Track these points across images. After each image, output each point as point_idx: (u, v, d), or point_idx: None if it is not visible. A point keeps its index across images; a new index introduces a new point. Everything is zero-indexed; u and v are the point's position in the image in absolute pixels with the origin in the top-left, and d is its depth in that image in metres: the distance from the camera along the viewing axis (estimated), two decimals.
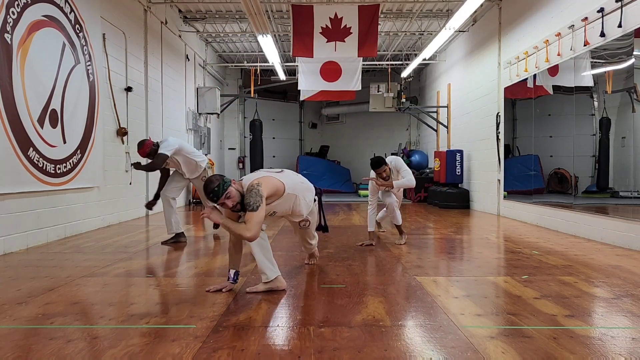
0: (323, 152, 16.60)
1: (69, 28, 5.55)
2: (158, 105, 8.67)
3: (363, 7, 8.10)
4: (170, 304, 2.84)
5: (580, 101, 5.91)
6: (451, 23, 7.86)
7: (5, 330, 2.38)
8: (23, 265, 4.00)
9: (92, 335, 2.30)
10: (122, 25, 7.11)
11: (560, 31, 6.10)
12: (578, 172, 5.95)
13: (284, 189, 3.13)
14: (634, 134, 4.87)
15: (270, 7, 9.43)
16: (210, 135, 12.35)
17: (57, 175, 5.29)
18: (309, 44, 8.28)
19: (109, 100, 6.66)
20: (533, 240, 5.42)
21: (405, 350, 2.12)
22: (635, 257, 4.32)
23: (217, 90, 11.34)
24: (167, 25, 9.06)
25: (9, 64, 4.47)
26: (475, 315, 2.62)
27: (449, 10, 9.24)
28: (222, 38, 11.61)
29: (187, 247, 5.00)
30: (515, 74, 7.54)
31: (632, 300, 2.91)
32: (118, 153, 7.00)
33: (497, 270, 3.85)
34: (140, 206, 7.82)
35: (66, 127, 5.46)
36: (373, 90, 11.92)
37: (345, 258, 4.26)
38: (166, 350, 2.10)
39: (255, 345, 2.17)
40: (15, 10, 4.58)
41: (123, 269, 3.81)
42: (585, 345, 2.17)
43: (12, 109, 4.50)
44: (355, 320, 2.51)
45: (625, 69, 5.00)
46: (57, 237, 5.32)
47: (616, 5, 4.93)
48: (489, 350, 2.12)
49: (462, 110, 10.56)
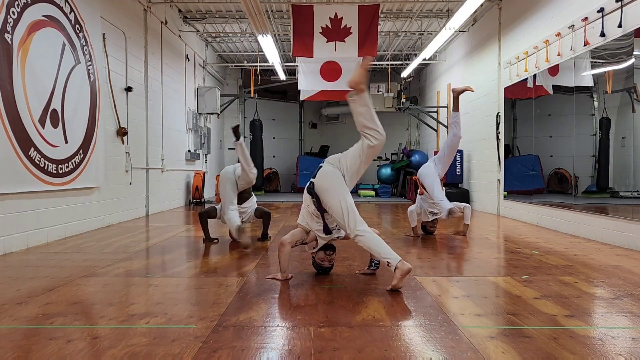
0: (323, 152, 16.59)
1: (69, 28, 5.55)
2: (158, 105, 8.67)
3: (363, 7, 8.10)
4: (170, 304, 2.84)
5: (581, 101, 5.91)
6: (451, 23, 7.86)
7: (5, 330, 2.38)
8: (23, 265, 4.00)
9: (92, 335, 2.30)
10: (122, 25, 7.11)
11: (560, 31, 6.10)
12: (578, 172, 5.95)
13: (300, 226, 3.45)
14: (634, 134, 4.87)
15: (270, 7, 9.43)
16: (210, 135, 12.35)
17: (59, 175, 5.29)
18: (309, 44, 8.28)
19: (109, 100, 6.66)
20: (533, 240, 5.42)
21: (405, 350, 2.12)
22: (635, 257, 4.32)
23: (217, 90, 11.34)
24: (167, 25, 9.06)
25: (9, 64, 4.47)
26: (475, 315, 2.62)
27: (449, 10, 9.24)
28: (222, 38, 11.61)
29: (187, 247, 5.00)
30: (515, 74, 7.54)
31: (632, 300, 2.91)
32: (118, 153, 7.00)
33: (497, 270, 3.85)
34: (140, 206, 7.83)
35: (67, 127, 5.46)
36: (373, 90, 11.93)
37: (345, 258, 4.26)
38: (166, 350, 2.10)
39: (255, 345, 2.17)
40: (16, 10, 4.58)
41: (123, 269, 3.81)
42: (585, 345, 2.17)
43: (12, 109, 4.50)
44: (355, 320, 2.51)
45: (625, 69, 5.00)
46: (57, 237, 5.32)
47: (616, 5, 4.93)
48: (489, 350, 2.12)
49: (462, 110, 10.45)
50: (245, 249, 4.71)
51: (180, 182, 10.13)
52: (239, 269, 3.82)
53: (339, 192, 3.22)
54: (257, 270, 3.79)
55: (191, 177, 10.69)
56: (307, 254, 4.45)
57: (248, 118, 14.65)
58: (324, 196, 3.26)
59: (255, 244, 5.09)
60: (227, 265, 4.01)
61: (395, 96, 11.90)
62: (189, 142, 10.68)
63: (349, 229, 3.17)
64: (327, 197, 3.24)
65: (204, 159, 11.94)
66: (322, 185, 3.27)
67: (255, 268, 3.86)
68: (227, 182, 5.00)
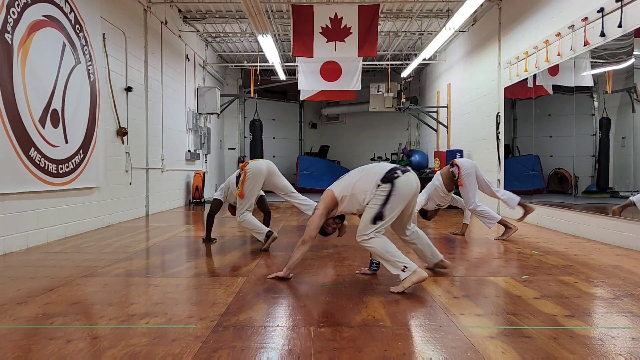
0: (323, 152, 16.61)
1: (69, 28, 5.55)
2: (158, 105, 8.67)
3: (363, 7, 8.10)
4: (170, 304, 2.84)
5: (580, 101, 5.91)
6: (451, 23, 7.86)
7: (5, 330, 2.38)
8: (23, 265, 4.00)
9: (92, 335, 2.30)
10: (122, 25, 7.11)
11: (560, 31, 6.09)
12: (578, 172, 5.95)
13: (333, 195, 3.31)
14: (634, 134, 4.87)
15: (270, 7, 9.43)
16: (210, 135, 12.35)
17: (60, 175, 5.29)
18: (309, 44, 8.28)
19: (109, 100, 6.66)
20: (533, 240, 5.42)
21: (405, 350, 2.12)
22: (635, 257, 4.32)
23: (217, 90, 11.34)
24: (167, 25, 9.06)
25: (9, 64, 4.47)
26: (475, 315, 2.62)
27: (449, 10, 9.24)
28: (222, 38, 11.61)
29: (187, 247, 5.00)
30: (515, 74, 7.54)
31: (632, 300, 2.91)
32: (118, 153, 7.00)
33: (497, 270, 3.85)
34: (140, 206, 7.83)
35: (68, 127, 5.46)
36: (373, 90, 11.92)
37: (345, 258, 4.26)
38: (166, 350, 2.10)
39: (255, 345, 2.17)
40: (16, 10, 4.58)
41: (123, 269, 3.81)
42: (585, 345, 2.17)
43: (12, 109, 4.50)
44: (355, 320, 2.51)
45: (625, 69, 5.00)
46: (57, 237, 5.32)
47: (616, 5, 4.93)
48: (489, 350, 2.12)
49: (462, 110, 10.56)
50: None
51: (180, 182, 10.13)
52: (239, 269, 3.82)
53: (414, 202, 3.39)
54: (257, 270, 3.79)
55: (191, 177, 10.69)
56: (306, 254, 4.45)
57: (248, 118, 14.65)
58: (407, 200, 3.20)
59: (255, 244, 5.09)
60: (227, 265, 4.01)
61: (395, 96, 11.88)
62: (189, 142, 10.68)
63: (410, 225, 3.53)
64: (411, 202, 3.29)
65: (204, 159, 11.94)
66: (412, 192, 3.24)
67: (255, 268, 3.86)
68: (260, 179, 4.64)
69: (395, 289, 3.05)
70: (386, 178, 3.14)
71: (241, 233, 5.89)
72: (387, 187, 3.11)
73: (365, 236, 3.11)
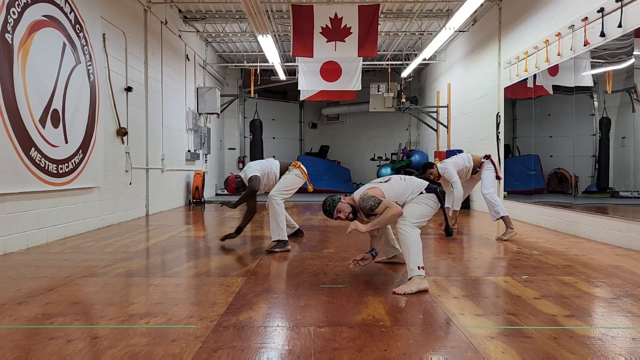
0: (323, 152, 16.61)
1: (69, 28, 5.55)
2: (158, 105, 8.67)
3: (363, 7, 8.10)
4: (170, 304, 2.84)
5: (580, 101, 5.91)
6: (451, 23, 7.86)
7: (5, 330, 2.38)
8: (23, 265, 4.00)
9: (92, 335, 2.30)
10: (122, 25, 7.11)
11: (560, 31, 6.10)
12: (578, 172, 5.95)
13: (382, 194, 3.39)
14: (634, 134, 4.87)
15: (270, 7, 9.43)
16: (210, 135, 12.35)
17: (60, 175, 5.29)
18: (309, 44, 8.28)
19: (109, 100, 6.66)
20: (533, 240, 5.42)
21: (405, 351, 2.12)
22: (635, 257, 4.32)
23: (217, 90, 11.34)
24: (167, 25, 9.06)
25: (10, 64, 4.47)
26: (475, 315, 2.62)
27: (449, 10, 9.24)
28: (222, 38, 11.62)
29: (187, 247, 5.00)
30: (515, 74, 7.54)
31: (632, 300, 2.91)
32: (118, 153, 7.00)
33: (497, 270, 3.85)
34: (140, 206, 7.83)
35: (68, 127, 5.46)
36: (373, 90, 11.92)
37: (345, 258, 4.26)
38: (166, 350, 2.10)
39: (255, 345, 2.17)
40: (16, 10, 4.58)
41: (123, 269, 3.81)
42: (585, 345, 2.17)
43: (13, 109, 4.50)
44: (355, 320, 2.51)
45: (625, 69, 5.00)
46: (57, 237, 5.32)
47: (616, 5, 4.93)
48: (489, 350, 2.12)
49: (462, 110, 10.56)
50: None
51: (180, 182, 10.13)
52: (239, 269, 3.82)
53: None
54: (257, 270, 3.79)
55: (191, 177, 10.69)
56: (306, 254, 4.46)
57: (248, 118, 14.65)
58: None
59: (255, 244, 5.09)
60: (227, 265, 4.01)
61: (395, 96, 11.88)
62: (189, 142, 10.68)
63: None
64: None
65: (204, 159, 11.94)
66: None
67: (255, 268, 3.86)
68: (275, 171, 5.00)
69: (398, 290, 3.06)
70: (430, 188, 3.44)
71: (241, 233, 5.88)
72: (433, 197, 3.41)
73: (409, 222, 3.25)
